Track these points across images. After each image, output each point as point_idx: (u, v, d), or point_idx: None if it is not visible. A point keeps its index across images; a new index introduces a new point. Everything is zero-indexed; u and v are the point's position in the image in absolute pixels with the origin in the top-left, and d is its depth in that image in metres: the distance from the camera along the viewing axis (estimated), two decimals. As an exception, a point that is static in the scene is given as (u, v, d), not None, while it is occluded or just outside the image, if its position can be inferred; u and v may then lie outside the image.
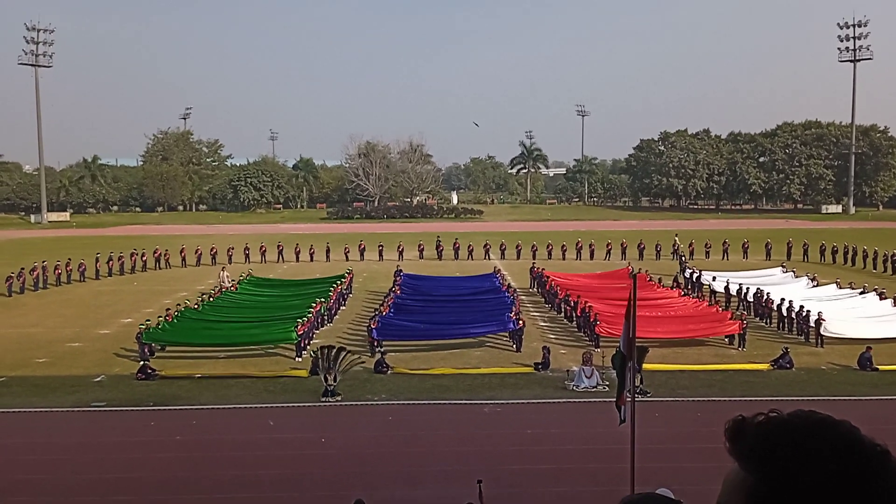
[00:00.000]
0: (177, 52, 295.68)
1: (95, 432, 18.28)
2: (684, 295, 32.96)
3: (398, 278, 36.19)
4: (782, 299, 29.07)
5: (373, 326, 25.65)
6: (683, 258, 47.49)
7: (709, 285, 35.98)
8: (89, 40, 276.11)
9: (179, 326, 26.51)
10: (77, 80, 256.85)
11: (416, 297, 32.29)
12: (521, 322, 26.19)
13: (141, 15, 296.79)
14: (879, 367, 22.79)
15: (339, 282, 34.74)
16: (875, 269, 44.97)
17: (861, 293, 32.52)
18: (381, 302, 30.63)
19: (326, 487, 14.91)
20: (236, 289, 35.37)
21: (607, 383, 20.46)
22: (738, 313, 28.80)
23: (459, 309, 29.76)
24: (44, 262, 41.75)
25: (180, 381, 22.12)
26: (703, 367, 23.35)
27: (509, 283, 35.17)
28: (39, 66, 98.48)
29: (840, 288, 33.98)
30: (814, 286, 35.20)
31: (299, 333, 24.93)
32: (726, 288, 33.97)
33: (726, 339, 26.33)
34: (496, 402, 20.03)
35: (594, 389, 20.79)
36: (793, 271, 39.07)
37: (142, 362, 23.04)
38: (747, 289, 32.35)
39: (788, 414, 1.32)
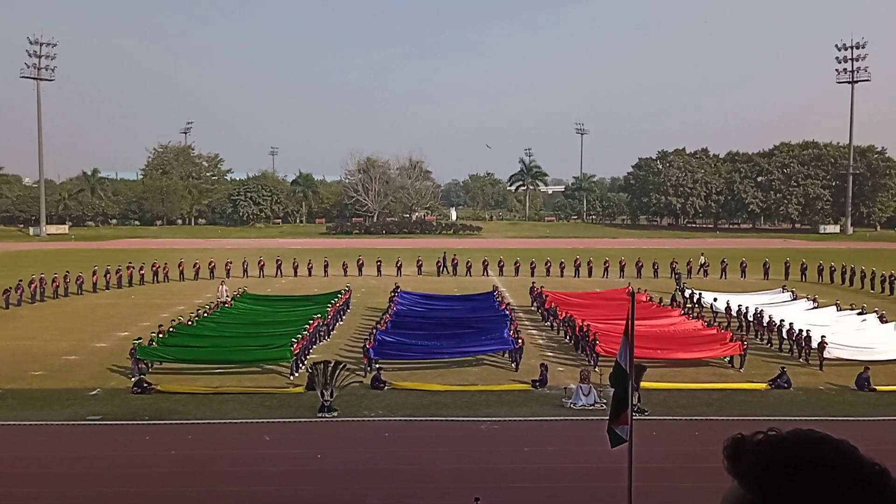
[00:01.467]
0: (178, 66, 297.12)
1: (91, 446, 18.18)
2: (684, 314, 32.84)
3: (395, 296, 36.06)
4: (781, 321, 28.98)
5: (368, 346, 25.19)
6: (680, 276, 47.03)
7: (710, 305, 35.81)
8: (91, 54, 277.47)
9: (173, 343, 26.25)
10: (78, 94, 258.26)
11: (413, 316, 31.93)
12: (520, 341, 26.07)
13: (142, 29, 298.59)
14: (877, 387, 22.74)
15: (335, 299, 34.53)
16: (873, 289, 44.98)
17: (860, 314, 32.46)
18: (377, 320, 30.43)
19: (322, 504, 14.83)
20: (240, 296, 35.28)
21: (605, 401, 20.36)
22: (738, 334, 28.62)
23: (457, 328, 29.46)
24: (42, 274, 41.69)
25: (176, 395, 22.00)
26: (701, 385, 23.30)
27: (508, 303, 35.02)
28: (41, 79, 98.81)
29: (840, 310, 33.86)
30: (814, 307, 35.07)
31: (295, 353, 24.65)
32: (727, 308, 33.85)
33: (726, 359, 26.26)
34: (493, 419, 19.95)
35: (592, 407, 20.71)
36: (792, 291, 38.96)
37: (138, 377, 22.95)
38: (747, 309, 32.22)
39: (787, 432, 1.33)
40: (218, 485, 15.66)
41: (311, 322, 28.05)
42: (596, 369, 23.67)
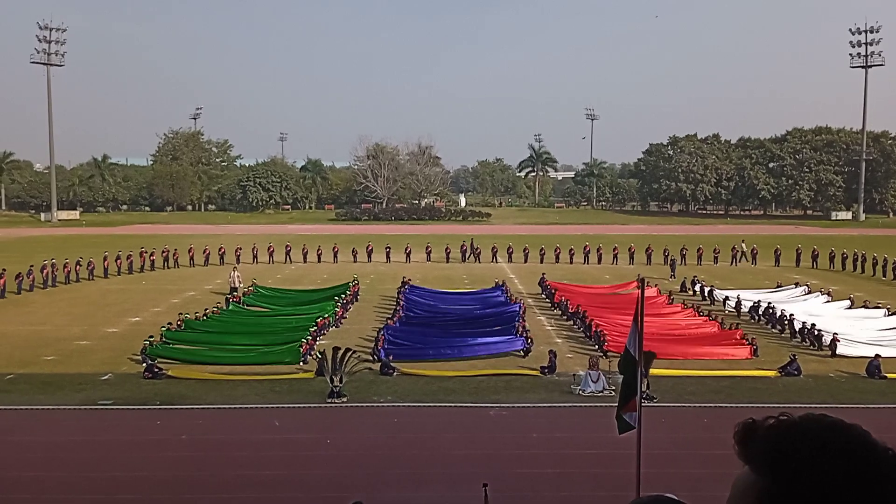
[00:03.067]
0: (188, 52, 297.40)
1: (102, 430, 18.33)
2: (689, 307, 32.22)
3: (404, 290, 34.94)
4: (792, 315, 28.66)
5: (379, 347, 24.71)
6: (675, 262, 46.09)
7: (722, 301, 34.96)
8: (101, 40, 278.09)
9: (181, 339, 26.07)
10: (89, 80, 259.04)
11: (422, 316, 31.17)
12: (529, 340, 25.65)
13: (153, 15, 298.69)
14: (888, 375, 22.63)
15: (344, 294, 33.87)
16: (885, 276, 44.62)
17: (874, 307, 31.97)
18: (387, 317, 29.76)
19: (331, 488, 14.91)
20: (250, 293, 35.03)
21: (614, 388, 20.33)
22: (749, 335, 27.79)
23: (467, 328, 28.86)
24: (53, 260, 41.93)
25: (187, 380, 22.15)
26: (711, 372, 23.23)
27: (516, 298, 34.09)
28: (51, 64, 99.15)
29: (853, 306, 33.23)
30: (828, 301, 34.52)
31: (304, 351, 24.31)
32: (738, 304, 33.00)
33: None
34: (502, 405, 19.99)
35: (600, 394, 20.72)
36: (807, 286, 37.86)
37: (149, 362, 22.98)
38: (760, 306, 31.52)
39: (799, 417, 1.31)
40: (228, 469, 15.77)
41: (318, 322, 27.85)
42: (605, 356, 23.63)
